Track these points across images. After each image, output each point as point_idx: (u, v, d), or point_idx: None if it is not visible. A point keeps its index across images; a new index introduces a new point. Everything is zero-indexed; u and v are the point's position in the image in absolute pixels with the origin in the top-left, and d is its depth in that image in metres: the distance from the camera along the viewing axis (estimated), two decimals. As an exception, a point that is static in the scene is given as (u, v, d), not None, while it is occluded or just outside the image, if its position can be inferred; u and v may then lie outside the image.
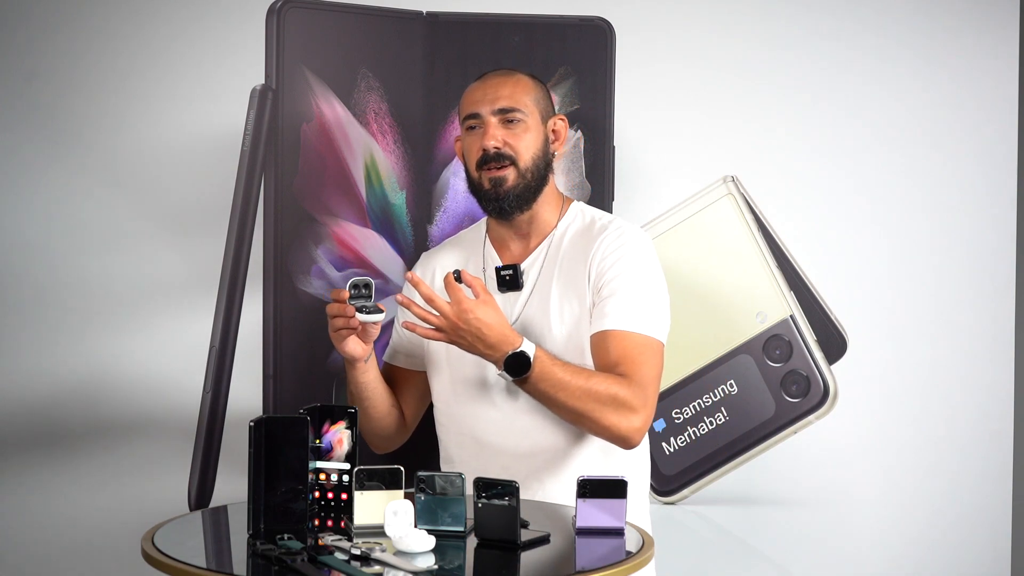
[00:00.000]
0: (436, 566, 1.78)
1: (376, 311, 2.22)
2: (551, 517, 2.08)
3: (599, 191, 2.80)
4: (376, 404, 2.39)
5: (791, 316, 2.85)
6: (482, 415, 2.35)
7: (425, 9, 2.79)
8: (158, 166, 2.73)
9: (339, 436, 2.10)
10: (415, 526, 1.90)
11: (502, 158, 2.34)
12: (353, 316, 2.23)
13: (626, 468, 2.29)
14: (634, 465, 2.34)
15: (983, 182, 2.91)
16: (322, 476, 2.09)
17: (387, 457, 2.48)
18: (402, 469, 1.98)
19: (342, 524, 2.01)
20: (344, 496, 2.08)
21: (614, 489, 1.97)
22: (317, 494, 2.09)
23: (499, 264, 2.41)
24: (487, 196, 2.37)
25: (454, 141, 2.54)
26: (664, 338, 2.31)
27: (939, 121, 2.90)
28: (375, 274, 2.75)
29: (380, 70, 2.77)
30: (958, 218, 2.90)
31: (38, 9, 2.72)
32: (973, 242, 2.91)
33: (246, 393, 2.73)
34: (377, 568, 1.76)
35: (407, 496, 1.95)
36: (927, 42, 2.90)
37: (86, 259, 2.72)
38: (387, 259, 2.78)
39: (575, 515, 1.97)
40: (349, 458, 2.09)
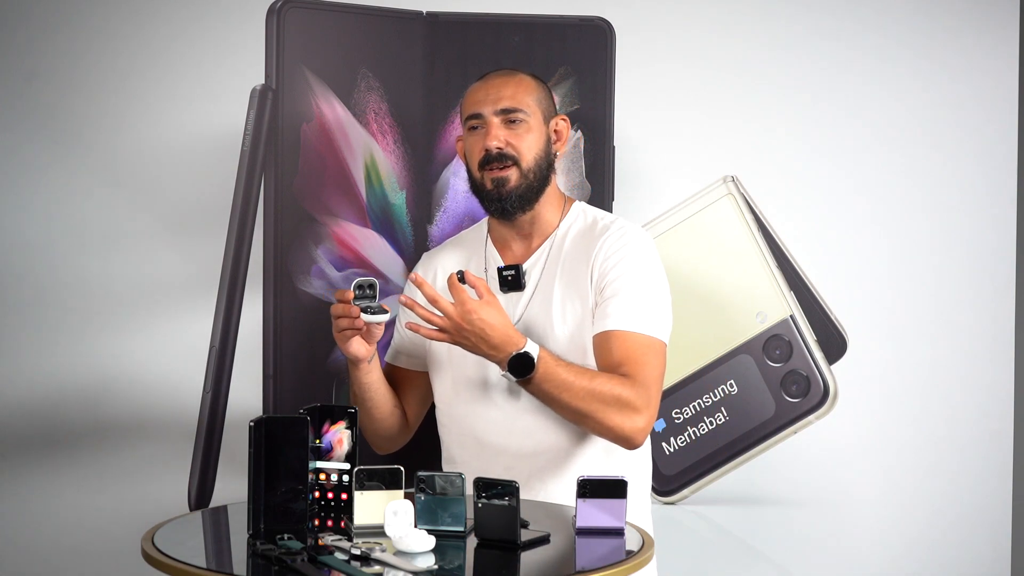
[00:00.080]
0: (436, 566, 1.78)
1: (380, 311, 2.22)
2: (551, 517, 2.07)
3: (599, 191, 2.80)
4: (379, 404, 2.39)
5: (791, 316, 2.85)
6: (484, 415, 2.35)
7: (425, 9, 2.79)
8: (158, 166, 2.73)
9: (339, 436, 2.10)
10: (415, 526, 1.90)
11: (504, 158, 2.34)
12: (358, 317, 2.23)
13: (628, 468, 2.29)
14: (636, 465, 2.34)
15: (983, 182, 2.91)
16: (322, 476, 2.09)
17: (388, 457, 2.47)
18: (402, 469, 1.98)
19: (342, 524, 2.01)
20: (344, 496, 2.08)
21: (614, 489, 1.97)
22: (317, 494, 2.09)
23: (501, 264, 2.41)
24: (489, 196, 2.36)
25: (455, 141, 2.54)
26: (667, 338, 2.30)
27: (939, 121, 2.90)
28: (375, 274, 2.75)
29: (380, 70, 2.77)
30: (958, 218, 2.90)
31: (38, 9, 2.72)
32: (973, 242, 2.91)
33: (246, 393, 2.73)
34: (377, 568, 1.76)
35: (407, 496, 1.95)
36: (927, 42, 2.90)
37: (86, 259, 2.72)
38: (387, 259, 2.78)
39: (575, 515, 1.97)
40: (349, 458, 2.09)
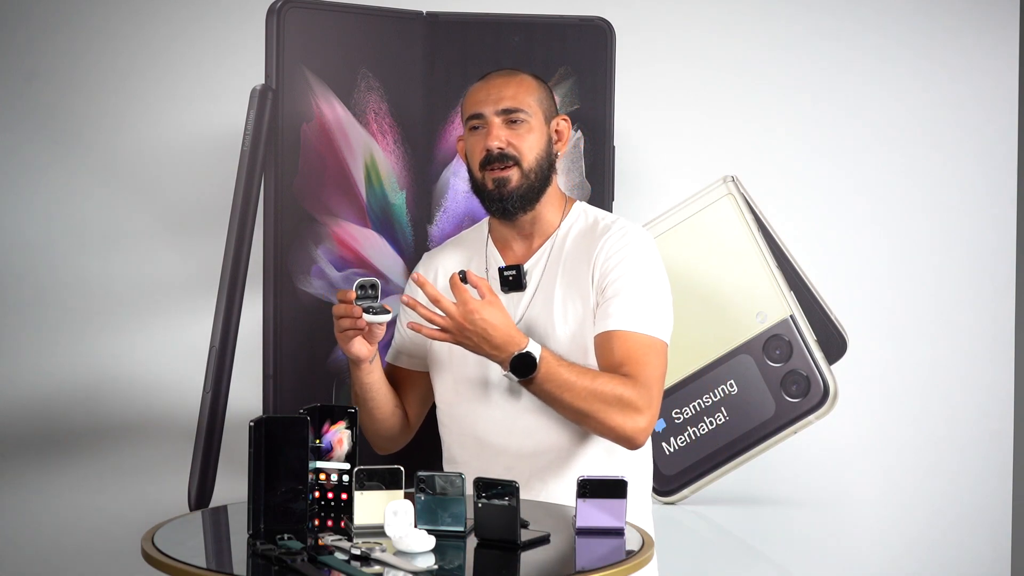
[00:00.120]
0: (436, 566, 1.78)
1: (383, 312, 2.22)
2: (552, 517, 2.07)
3: (599, 191, 2.80)
4: (380, 405, 2.39)
5: (791, 316, 2.85)
6: (485, 415, 2.34)
7: (425, 9, 2.79)
8: (158, 166, 2.73)
9: (339, 436, 2.10)
10: (415, 526, 1.90)
11: (506, 158, 2.34)
12: (360, 317, 2.23)
13: (629, 468, 2.28)
14: (637, 465, 2.34)
15: (983, 182, 2.91)
16: (322, 476, 2.09)
17: (389, 458, 2.47)
18: (402, 469, 1.98)
19: (342, 524, 2.01)
20: (344, 496, 2.08)
21: (614, 489, 1.97)
22: (317, 494, 2.09)
23: (502, 264, 2.41)
24: (491, 197, 2.36)
25: (456, 141, 2.53)
26: (668, 338, 2.30)
27: (939, 121, 2.90)
28: (375, 274, 2.74)
29: (380, 70, 2.76)
30: (958, 218, 2.90)
31: (38, 9, 2.72)
32: (973, 242, 2.91)
33: (246, 393, 2.73)
34: (377, 568, 1.76)
35: (407, 496, 1.95)
36: (927, 42, 2.90)
37: (86, 259, 2.72)
38: (387, 259, 2.78)
39: (575, 515, 1.97)
40: (349, 458, 2.09)
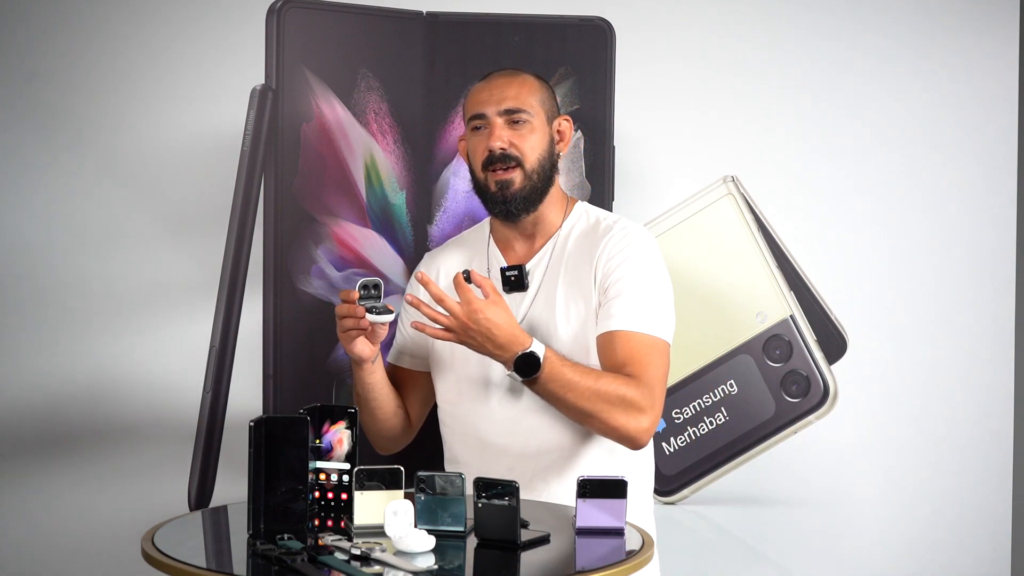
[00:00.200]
0: (436, 566, 1.78)
1: (386, 312, 2.22)
2: (553, 517, 2.07)
3: (599, 191, 2.80)
4: (383, 405, 2.39)
5: (791, 316, 2.85)
6: (487, 415, 2.34)
7: (425, 9, 2.79)
8: (158, 166, 2.73)
9: (339, 436, 2.10)
10: (415, 526, 1.90)
11: (508, 159, 2.33)
12: (363, 317, 2.23)
13: (631, 468, 2.29)
14: (639, 465, 2.34)
15: (983, 182, 2.91)
16: (322, 476, 2.09)
17: (390, 458, 2.47)
18: (402, 469, 1.98)
19: (342, 524, 2.01)
20: (344, 496, 2.08)
21: (614, 489, 1.97)
22: (317, 494, 2.09)
23: (504, 264, 2.40)
24: (494, 199, 2.35)
25: (458, 141, 2.53)
26: (670, 338, 2.30)
27: (939, 121, 2.90)
28: (375, 274, 2.74)
29: (380, 70, 2.76)
30: (958, 218, 2.90)
31: (38, 9, 2.72)
32: (973, 242, 2.90)
33: (246, 393, 2.73)
34: (377, 568, 1.76)
35: (407, 496, 1.95)
36: (927, 42, 2.90)
37: (86, 259, 2.72)
38: (387, 259, 2.78)
39: (575, 515, 1.97)
40: (349, 458, 2.09)
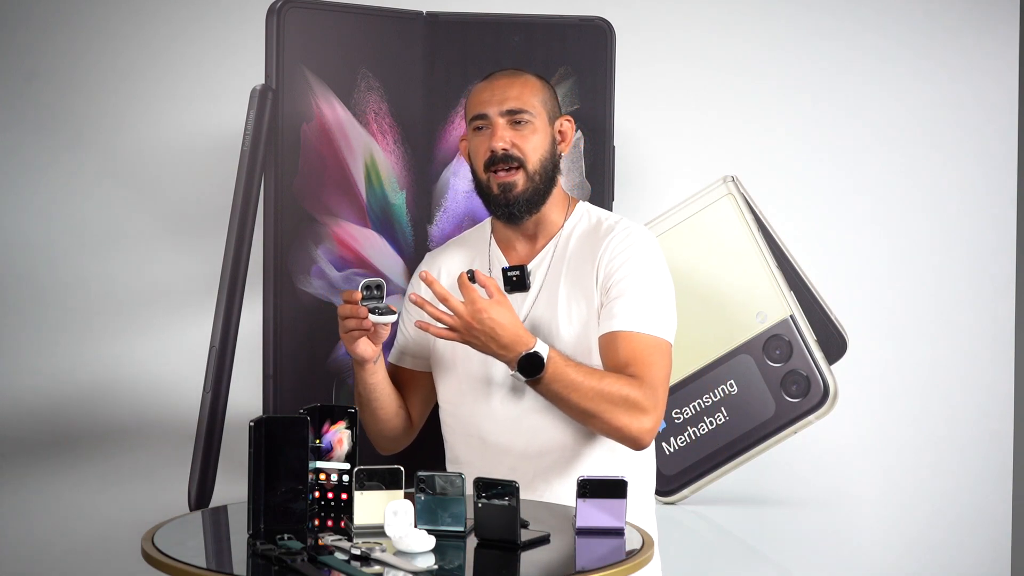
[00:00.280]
0: (436, 566, 1.78)
1: (388, 312, 2.21)
2: (553, 517, 2.07)
3: (599, 191, 2.80)
4: (384, 405, 2.39)
5: (791, 316, 2.85)
6: (489, 415, 2.34)
7: (425, 9, 2.79)
8: (158, 166, 2.73)
9: (339, 436, 2.10)
10: (415, 526, 1.90)
11: (510, 160, 2.33)
12: (365, 317, 2.23)
13: (632, 469, 2.29)
14: (640, 466, 2.34)
15: (983, 182, 2.91)
16: (322, 476, 2.09)
17: (391, 458, 2.47)
18: (402, 469, 1.98)
19: (342, 524, 2.01)
20: (344, 496, 2.08)
21: (614, 489, 1.97)
22: (317, 494, 2.09)
23: (505, 265, 2.40)
24: (496, 201, 2.35)
25: (459, 141, 2.52)
26: (672, 338, 2.30)
27: (939, 121, 2.90)
28: (375, 274, 2.74)
29: (380, 70, 2.76)
30: (958, 218, 2.90)
31: (38, 9, 2.72)
32: (973, 242, 2.91)
33: (246, 393, 2.73)
34: (377, 568, 1.76)
35: (407, 496, 1.95)
36: (927, 42, 2.90)
37: (86, 259, 2.72)
38: (387, 259, 2.78)
39: (575, 515, 1.97)
40: (349, 458, 2.09)
